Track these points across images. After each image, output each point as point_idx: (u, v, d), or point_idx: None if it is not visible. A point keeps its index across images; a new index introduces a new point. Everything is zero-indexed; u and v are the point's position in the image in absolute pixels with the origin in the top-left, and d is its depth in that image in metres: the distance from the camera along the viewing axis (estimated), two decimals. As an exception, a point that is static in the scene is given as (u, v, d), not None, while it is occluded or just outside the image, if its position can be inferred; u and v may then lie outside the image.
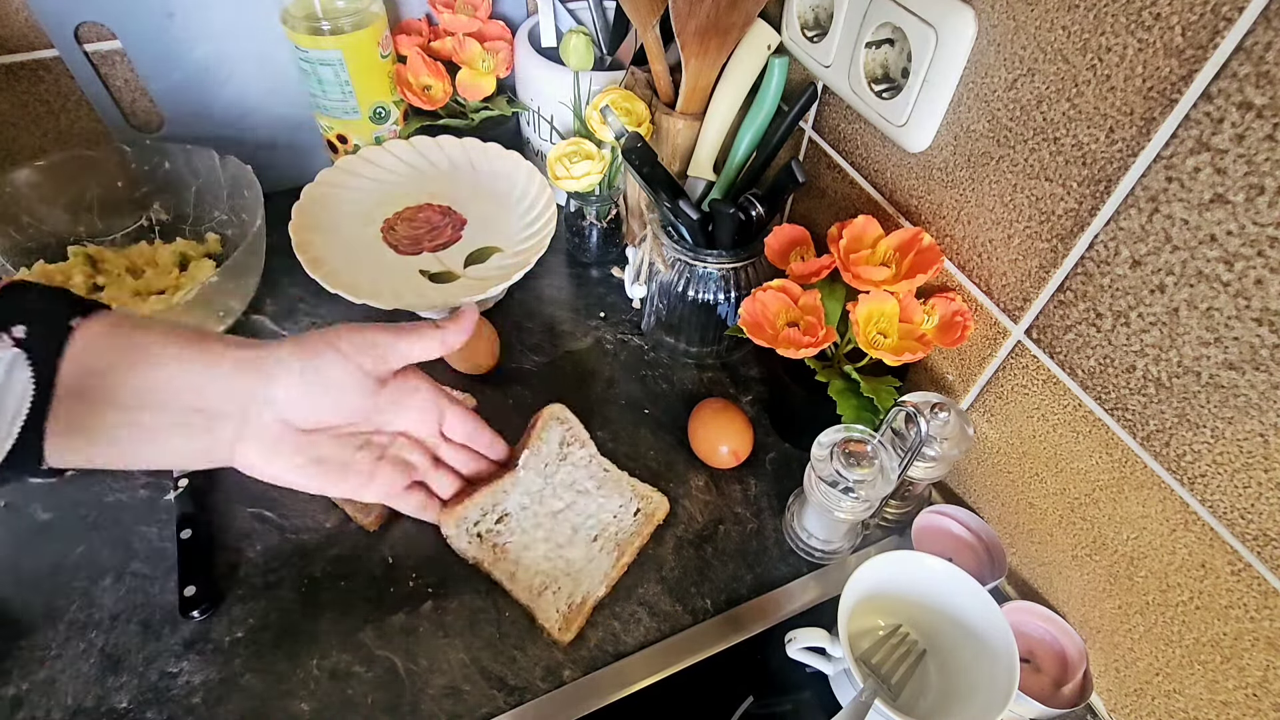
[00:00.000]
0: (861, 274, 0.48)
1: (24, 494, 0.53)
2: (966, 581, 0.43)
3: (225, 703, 0.44)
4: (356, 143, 0.73)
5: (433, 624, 0.49)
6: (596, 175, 0.64)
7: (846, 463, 0.46)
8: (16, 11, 0.62)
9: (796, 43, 0.56)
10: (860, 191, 0.58)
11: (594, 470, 0.55)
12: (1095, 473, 0.43)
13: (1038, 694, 0.45)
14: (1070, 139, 0.39)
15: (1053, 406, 0.45)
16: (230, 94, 0.71)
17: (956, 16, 0.42)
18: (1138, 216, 0.36)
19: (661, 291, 0.63)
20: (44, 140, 0.69)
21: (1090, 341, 0.41)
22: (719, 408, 0.58)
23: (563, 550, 0.51)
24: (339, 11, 0.66)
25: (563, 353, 0.66)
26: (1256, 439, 0.34)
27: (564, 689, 0.46)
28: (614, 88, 0.64)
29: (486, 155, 0.73)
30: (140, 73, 0.67)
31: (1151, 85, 0.34)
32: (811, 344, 0.48)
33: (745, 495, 0.57)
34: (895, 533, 0.56)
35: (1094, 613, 0.47)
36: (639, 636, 0.49)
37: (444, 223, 0.68)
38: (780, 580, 0.53)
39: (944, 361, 0.54)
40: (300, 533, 0.52)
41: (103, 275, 0.62)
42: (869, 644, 0.46)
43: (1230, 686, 0.39)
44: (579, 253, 0.75)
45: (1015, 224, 0.44)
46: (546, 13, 0.70)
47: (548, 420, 0.55)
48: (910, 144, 0.49)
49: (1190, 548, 0.39)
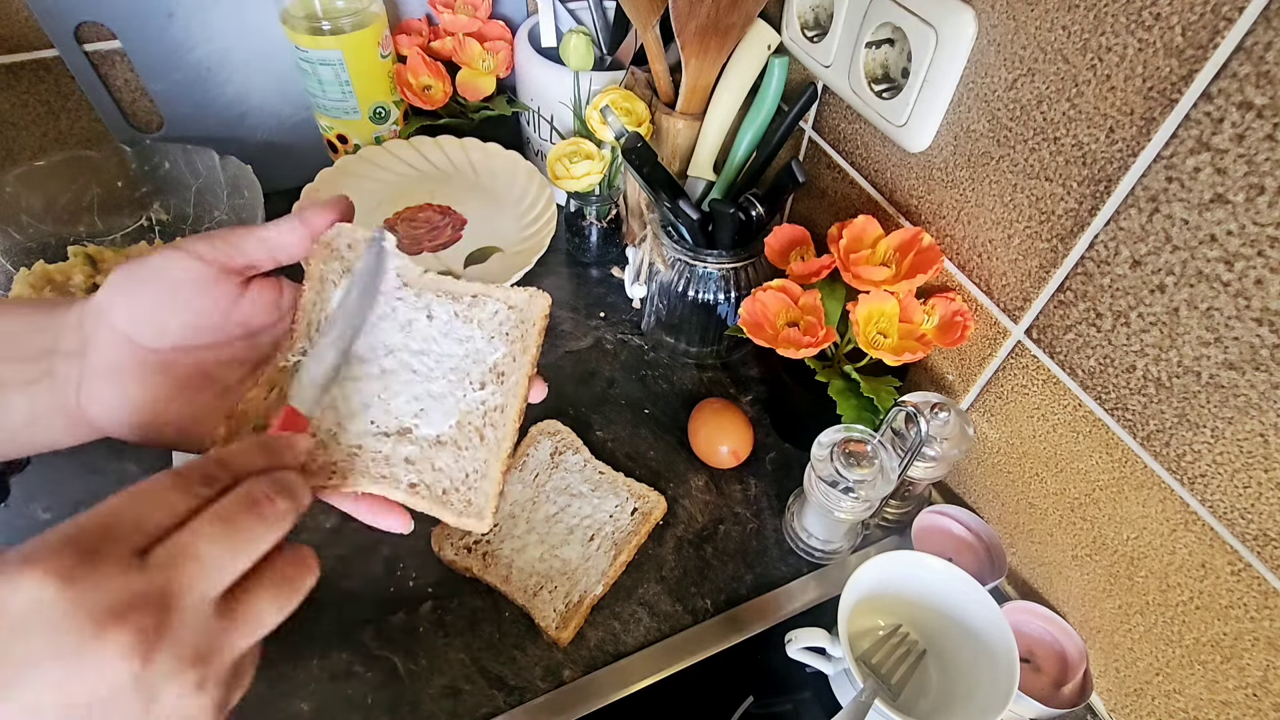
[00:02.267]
0: (861, 274, 0.48)
1: (24, 494, 0.53)
2: (966, 581, 0.43)
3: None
4: (356, 143, 0.73)
5: (433, 624, 0.49)
6: (596, 175, 0.64)
7: (846, 463, 0.46)
8: (16, 11, 0.62)
9: (796, 43, 0.56)
10: (860, 191, 0.58)
11: (589, 474, 0.55)
12: (1095, 473, 0.43)
13: (1038, 694, 0.45)
14: (1070, 139, 0.39)
15: (1053, 406, 0.45)
16: (230, 94, 0.71)
17: (956, 16, 0.42)
18: (1138, 216, 0.36)
19: (661, 291, 0.63)
20: (44, 140, 0.69)
21: (1090, 341, 0.41)
22: (719, 408, 0.58)
23: (558, 551, 0.51)
24: (339, 11, 0.66)
25: (563, 353, 0.66)
26: (1256, 439, 0.34)
27: (564, 689, 0.46)
28: (614, 88, 0.64)
29: (486, 155, 0.73)
30: (140, 73, 0.67)
31: (1152, 85, 0.34)
32: (811, 344, 0.48)
33: (745, 495, 0.57)
34: (895, 533, 0.56)
35: (1094, 613, 0.47)
36: (639, 636, 0.49)
37: (444, 223, 0.68)
38: (780, 580, 0.53)
39: (944, 361, 0.54)
40: (300, 533, 0.52)
41: (103, 275, 0.62)
42: (869, 644, 0.46)
43: (1230, 686, 0.39)
44: (579, 253, 0.75)
45: (1015, 224, 0.44)
46: (546, 13, 0.70)
47: (535, 437, 0.57)
48: (910, 144, 0.49)
49: (1190, 548, 0.39)
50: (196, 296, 0.32)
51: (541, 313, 0.33)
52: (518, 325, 0.34)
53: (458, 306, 0.34)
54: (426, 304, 0.34)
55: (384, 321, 0.33)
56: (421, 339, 0.33)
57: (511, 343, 0.34)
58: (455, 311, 0.34)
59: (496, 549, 0.51)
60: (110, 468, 0.54)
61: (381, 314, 0.33)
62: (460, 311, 0.34)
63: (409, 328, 0.33)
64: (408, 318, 0.33)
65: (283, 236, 0.33)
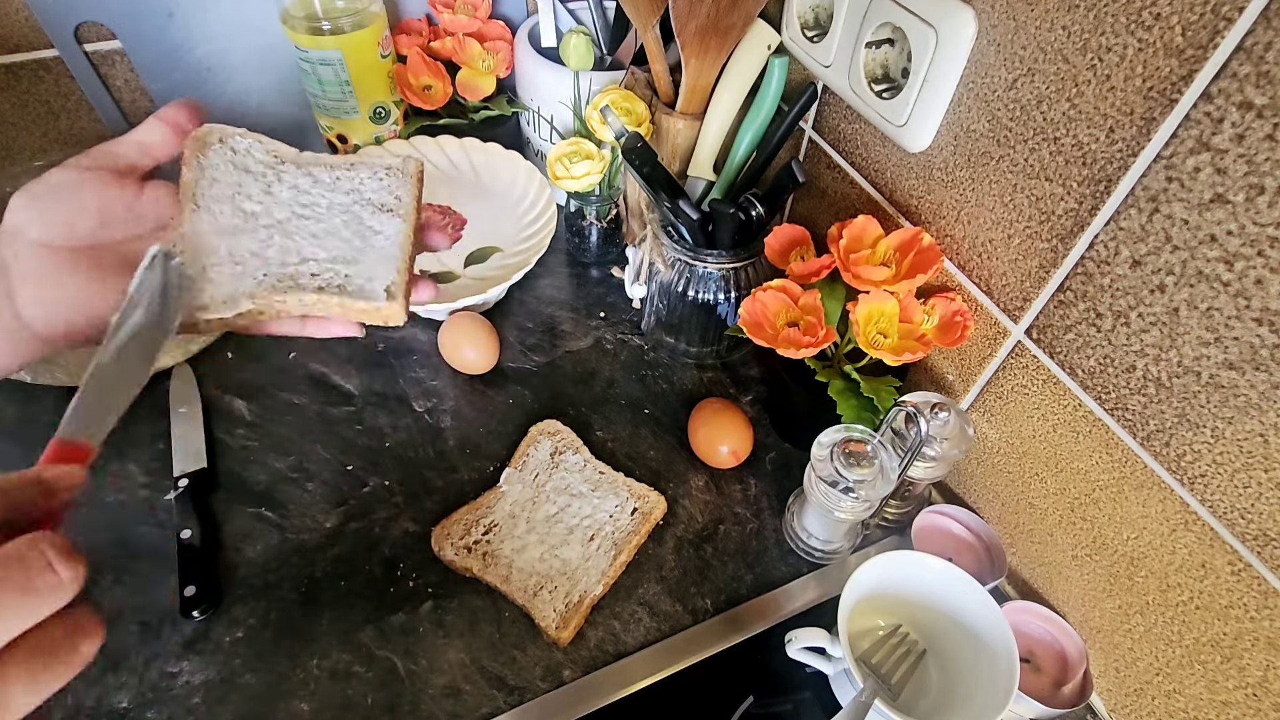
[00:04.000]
0: (861, 274, 0.48)
1: None
2: (966, 581, 0.43)
3: (225, 703, 0.44)
4: (356, 143, 0.73)
5: (433, 624, 0.49)
6: (596, 175, 0.64)
7: (846, 463, 0.46)
8: (16, 11, 0.62)
9: (796, 43, 0.56)
10: (860, 191, 0.58)
11: (589, 474, 0.55)
12: (1095, 473, 0.43)
13: (1038, 694, 0.45)
14: (1070, 139, 0.39)
15: (1053, 406, 0.45)
16: (230, 94, 0.71)
17: (956, 16, 0.42)
18: (1138, 216, 0.36)
19: (661, 291, 0.63)
20: (44, 140, 0.69)
21: (1090, 341, 0.41)
22: (719, 408, 0.58)
23: (558, 551, 0.51)
24: (339, 11, 0.66)
25: (563, 353, 0.66)
26: (1256, 439, 0.34)
27: (564, 689, 0.46)
28: (614, 88, 0.64)
29: (486, 155, 0.73)
30: (140, 73, 0.67)
31: (1152, 85, 0.34)
32: (811, 344, 0.48)
33: (745, 495, 0.57)
34: (895, 533, 0.56)
35: (1094, 613, 0.47)
36: (639, 636, 0.49)
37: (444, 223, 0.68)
38: (780, 580, 0.53)
39: (944, 361, 0.54)
40: (300, 533, 0.52)
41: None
42: (869, 644, 0.46)
43: (1230, 686, 0.39)
44: (579, 253, 0.75)
45: (1015, 224, 0.44)
46: (546, 13, 0.70)
47: (535, 437, 0.57)
48: (910, 144, 0.49)
49: (1190, 548, 0.39)
50: (94, 198, 0.33)
51: (416, 171, 0.38)
52: (399, 180, 0.37)
53: (339, 171, 0.37)
54: (309, 172, 0.36)
55: (273, 186, 0.36)
56: (309, 194, 0.36)
57: (396, 188, 0.37)
58: (338, 176, 0.37)
59: (496, 549, 0.51)
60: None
61: (267, 183, 0.36)
62: (343, 175, 0.37)
63: (295, 188, 0.36)
64: (292, 182, 0.36)
65: (147, 135, 0.35)
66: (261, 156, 0.36)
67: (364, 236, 0.35)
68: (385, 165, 0.38)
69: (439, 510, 0.54)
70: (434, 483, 0.56)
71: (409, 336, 0.66)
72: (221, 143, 0.35)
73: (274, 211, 0.35)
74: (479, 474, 0.57)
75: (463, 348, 0.61)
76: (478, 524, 0.52)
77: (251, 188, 0.35)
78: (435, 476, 0.56)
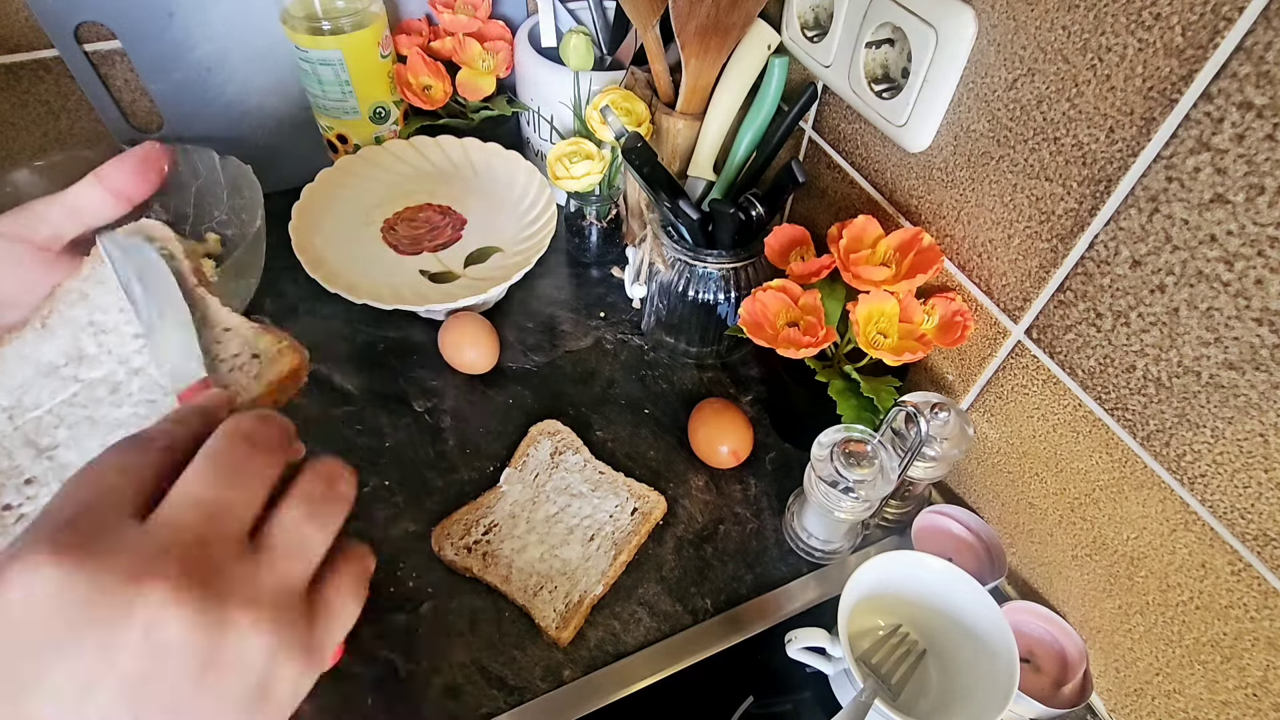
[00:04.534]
0: (861, 274, 0.48)
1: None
2: (966, 581, 0.43)
3: (225, 703, 0.44)
4: (356, 143, 0.73)
5: (433, 624, 0.49)
6: (596, 175, 0.64)
7: (846, 463, 0.46)
8: (16, 11, 0.62)
9: (796, 43, 0.56)
10: (860, 191, 0.58)
11: (589, 474, 0.55)
12: (1095, 473, 0.43)
13: (1038, 694, 0.45)
14: (1070, 139, 0.39)
15: (1053, 406, 0.45)
16: (230, 94, 0.71)
17: (956, 16, 0.42)
18: (1138, 216, 0.36)
19: (661, 291, 0.63)
20: (44, 140, 0.69)
21: (1090, 341, 0.41)
22: (719, 408, 0.58)
23: (558, 551, 0.51)
24: (339, 11, 0.66)
25: (563, 353, 0.66)
26: (1256, 439, 0.34)
27: (564, 689, 0.46)
28: (614, 88, 0.64)
29: (486, 155, 0.73)
30: (140, 73, 0.67)
31: (1151, 85, 0.34)
32: (811, 344, 0.48)
33: (745, 495, 0.57)
34: (895, 533, 0.56)
35: (1094, 613, 0.47)
36: (639, 636, 0.49)
37: (444, 223, 0.68)
38: (780, 580, 0.53)
39: (944, 361, 0.54)
40: (300, 533, 0.52)
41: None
42: (869, 644, 0.46)
43: (1230, 686, 0.39)
44: (579, 253, 0.75)
45: (1015, 224, 0.44)
46: (546, 13, 0.70)
47: (535, 437, 0.57)
48: (910, 144, 0.49)
49: (1190, 548, 0.39)
50: (9, 268, 0.31)
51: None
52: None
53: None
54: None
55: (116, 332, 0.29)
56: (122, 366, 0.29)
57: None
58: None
59: (496, 549, 0.51)
60: None
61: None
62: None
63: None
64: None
65: (82, 199, 0.32)
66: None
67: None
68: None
69: (439, 510, 0.54)
70: (434, 483, 0.56)
71: (409, 336, 0.66)
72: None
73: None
74: (479, 474, 0.57)
75: (463, 347, 0.61)
76: (478, 524, 0.52)
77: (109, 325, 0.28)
78: (435, 476, 0.56)
